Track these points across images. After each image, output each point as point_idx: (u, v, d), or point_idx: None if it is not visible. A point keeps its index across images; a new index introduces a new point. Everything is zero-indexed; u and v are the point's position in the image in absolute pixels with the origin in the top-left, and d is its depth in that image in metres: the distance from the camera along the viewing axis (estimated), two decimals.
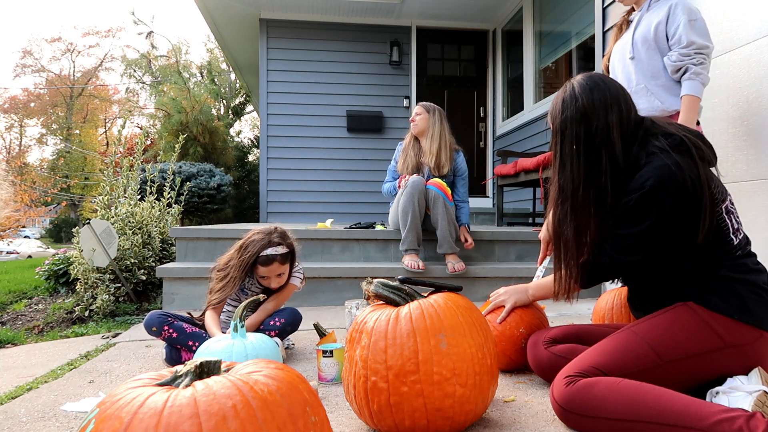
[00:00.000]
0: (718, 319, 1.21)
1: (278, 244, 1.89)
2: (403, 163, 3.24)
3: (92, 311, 3.01)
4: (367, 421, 1.22)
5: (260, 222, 5.93)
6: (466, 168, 3.28)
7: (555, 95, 1.39)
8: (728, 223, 1.26)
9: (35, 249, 19.20)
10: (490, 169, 6.30)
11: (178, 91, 10.85)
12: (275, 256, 1.87)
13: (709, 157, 1.27)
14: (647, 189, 1.21)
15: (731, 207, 1.29)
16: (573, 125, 1.30)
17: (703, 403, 1.08)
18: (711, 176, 1.26)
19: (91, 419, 0.72)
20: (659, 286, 1.32)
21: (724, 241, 1.25)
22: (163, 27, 66.50)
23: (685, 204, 1.20)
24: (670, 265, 1.28)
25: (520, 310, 1.68)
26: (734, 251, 1.25)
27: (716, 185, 1.26)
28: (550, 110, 1.39)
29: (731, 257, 1.25)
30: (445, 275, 3.03)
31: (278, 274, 1.92)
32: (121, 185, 3.63)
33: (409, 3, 5.66)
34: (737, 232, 1.28)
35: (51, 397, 1.56)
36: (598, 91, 1.30)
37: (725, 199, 1.28)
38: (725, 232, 1.25)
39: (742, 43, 2.30)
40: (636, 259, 1.28)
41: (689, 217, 1.22)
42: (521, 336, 1.63)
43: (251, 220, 9.46)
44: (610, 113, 1.29)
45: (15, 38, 64.22)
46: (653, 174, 1.20)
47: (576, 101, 1.31)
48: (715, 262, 1.24)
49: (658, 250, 1.26)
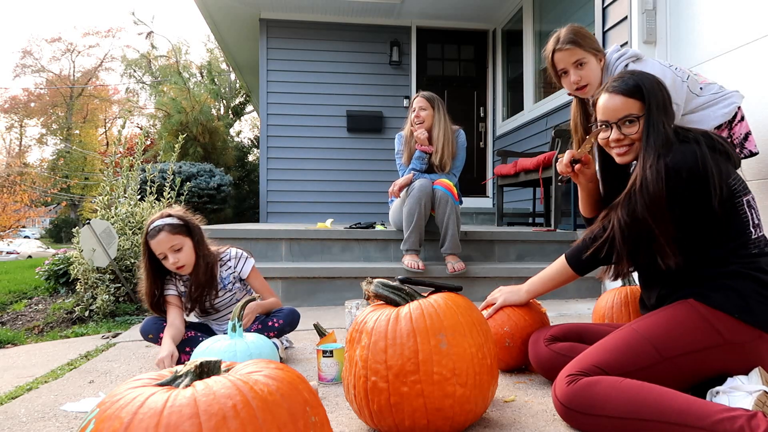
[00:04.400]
0: (718, 315, 1.22)
1: (168, 215, 1.84)
2: (408, 157, 3.24)
3: (92, 311, 3.01)
4: (367, 421, 1.22)
5: (260, 222, 5.94)
6: (464, 141, 3.28)
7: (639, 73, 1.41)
8: (749, 216, 1.29)
9: (35, 249, 19.21)
10: (490, 169, 6.30)
11: (178, 91, 10.86)
12: (162, 226, 1.80)
13: (732, 155, 1.33)
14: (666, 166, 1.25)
15: (754, 203, 1.32)
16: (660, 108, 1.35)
17: (705, 403, 1.08)
18: (731, 172, 1.30)
19: (91, 419, 0.72)
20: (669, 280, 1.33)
21: (743, 231, 1.27)
22: (163, 27, 66.57)
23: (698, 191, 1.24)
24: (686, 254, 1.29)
25: (509, 309, 1.67)
26: (751, 247, 1.27)
27: (736, 180, 1.30)
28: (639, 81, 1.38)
29: (746, 253, 1.26)
30: (445, 275, 3.02)
31: (175, 249, 1.81)
32: (121, 185, 3.63)
33: (409, 3, 5.66)
34: (757, 228, 1.30)
35: (51, 397, 1.56)
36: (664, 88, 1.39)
37: (747, 194, 1.31)
38: (745, 223, 1.28)
39: (742, 44, 2.30)
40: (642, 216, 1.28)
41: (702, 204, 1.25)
42: (505, 335, 1.63)
43: (251, 220, 9.46)
44: (670, 109, 1.37)
45: (15, 38, 64.24)
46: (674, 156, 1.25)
47: (663, 91, 1.37)
48: (730, 253, 1.26)
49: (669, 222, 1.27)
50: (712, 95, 1.91)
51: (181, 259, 1.83)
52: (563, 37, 1.91)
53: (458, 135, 3.26)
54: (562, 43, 1.91)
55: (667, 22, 2.78)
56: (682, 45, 2.69)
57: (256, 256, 3.33)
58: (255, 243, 3.33)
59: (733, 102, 1.90)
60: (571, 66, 1.93)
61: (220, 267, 1.97)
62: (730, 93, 1.92)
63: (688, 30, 2.65)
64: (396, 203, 3.26)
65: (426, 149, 3.15)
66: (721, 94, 1.92)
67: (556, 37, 1.94)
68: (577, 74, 1.92)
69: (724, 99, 1.91)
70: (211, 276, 1.92)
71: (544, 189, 4.12)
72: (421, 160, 3.17)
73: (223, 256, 1.99)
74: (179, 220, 1.84)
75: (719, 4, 2.45)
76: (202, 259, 1.88)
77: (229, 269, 1.98)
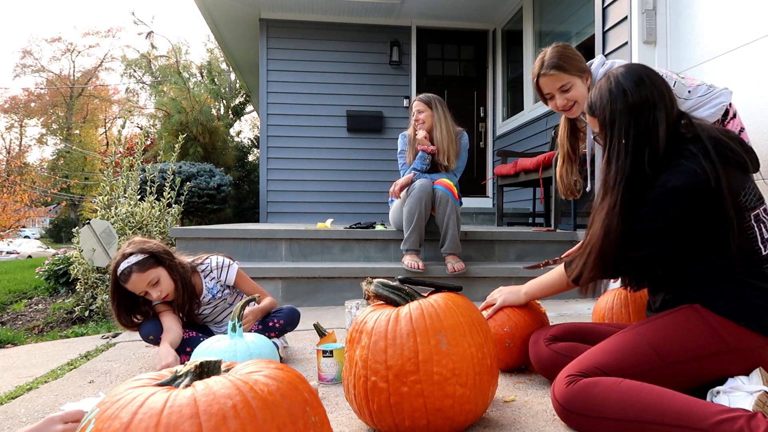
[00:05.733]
0: (723, 323, 1.19)
1: (130, 254, 1.74)
2: (412, 157, 3.24)
3: (92, 311, 3.01)
4: (367, 421, 1.22)
5: (260, 222, 5.94)
6: (467, 143, 3.29)
7: (596, 87, 1.36)
8: (756, 232, 1.23)
9: (35, 249, 19.21)
10: (490, 169, 6.30)
11: (178, 91, 10.86)
12: (130, 267, 1.71)
13: (746, 163, 1.25)
14: (668, 189, 1.20)
15: (763, 216, 1.25)
16: (623, 119, 1.28)
17: (704, 403, 1.08)
18: (742, 184, 1.23)
19: (91, 419, 0.72)
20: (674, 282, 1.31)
21: (751, 249, 1.22)
22: (163, 27, 66.56)
23: (703, 210, 1.19)
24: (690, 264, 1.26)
25: (509, 309, 1.67)
26: (760, 262, 1.22)
27: (746, 193, 1.23)
28: (593, 101, 1.35)
29: (754, 265, 1.22)
30: (445, 275, 3.02)
31: (152, 284, 1.75)
32: (121, 185, 3.63)
33: (409, 3, 5.66)
34: (766, 243, 1.24)
35: (51, 397, 1.56)
36: (643, 87, 1.28)
37: (756, 207, 1.24)
38: (752, 240, 1.23)
39: (742, 44, 2.30)
40: (642, 255, 1.26)
41: (707, 222, 1.20)
42: (506, 335, 1.63)
43: (251, 220, 9.46)
44: (658, 110, 1.27)
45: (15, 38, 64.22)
46: (678, 177, 1.19)
47: (625, 94, 1.28)
48: (737, 266, 1.22)
49: (669, 251, 1.25)
50: (698, 98, 1.87)
51: (163, 290, 1.79)
52: (547, 61, 1.89)
53: (461, 137, 3.26)
54: (546, 68, 1.89)
55: (667, 22, 2.78)
56: (682, 45, 2.69)
57: (256, 256, 3.36)
58: (255, 243, 3.33)
59: (720, 102, 1.86)
60: (556, 91, 1.92)
61: (203, 278, 1.93)
62: (718, 93, 1.88)
63: (688, 30, 2.65)
64: (396, 203, 3.26)
65: (426, 149, 3.15)
66: (707, 95, 1.88)
67: (541, 59, 1.92)
68: (562, 98, 1.92)
69: (711, 99, 1.87)
70: (191, 288, 1.88)
71: (544, 189, 4.12)
72: (422, 160, 3.18)
73: (203, 267, 1.94)
74: (143, 254, 1.75)
75: (719, 4, 2.45)
76: (179, 281, 1.83)
77: (213, 279, 1.95)
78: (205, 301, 1.94)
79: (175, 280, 1.82)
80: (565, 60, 1.89)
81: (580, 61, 1.93)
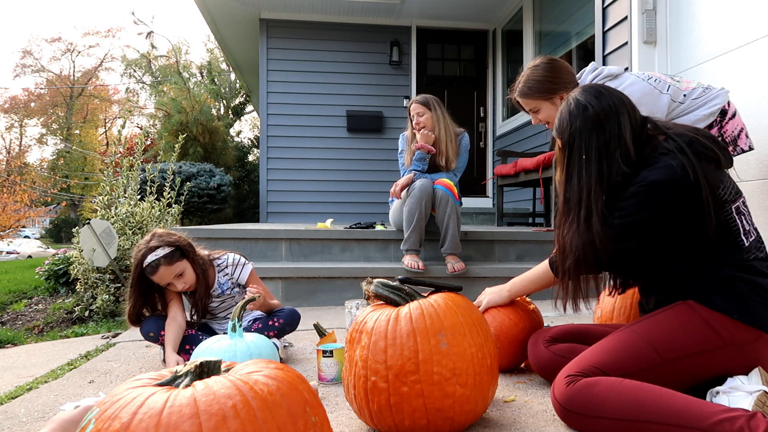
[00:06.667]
0: (718, 317, 1.21)
1: (157, 247, 1.79)
2: (411, 158, 3.24)
3: (92, 311, 3.01)
4: (367, 421, 1.22)
5: (260, 222, 5.94)
6: (468, 144, 3.29)
7: (559, 111, 1.41)
8: (739, 224, 1.26)
9: (35, 249, 19.22)
10: (490, 169, 6.30)
11: (178, 91, 10.86)
12: (158, 261, 1.78)
13: (720, 158, 1.28)
14: (647, 183, 1.23)
15: (743, 208, 1.29)
16: (584, 135, 1.32)
17: (704, 403, 1.08)
18: (719, 178, 1.26)
19: (91, 419, 0.72)
20: (664, 283, 1.32)
21: (734, 242, 1.25)
22: (163, 27, 66.57)
23: (683, 203, 1.22)
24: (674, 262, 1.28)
25: (493, 310, 1.66)
26: (745, 253, 1.25)
27: (725, 187, 1.26)
28: (555, 126, 1.40)
29: (740, 258, 1.24)
30: (445, 275, 3.02)
31: (177, 275, 1.83)
32: (121, 185, 3.63)
33: (409, 3, 5.66)
34: (748, 234, 1.27)
35: (51, 397, 1.56)
36: (603, 97, 1.33)
37: (736, 200, 1.27)
38: (735, 232, 1.25)
39: (742, 43, 2.30)
40: (626, 247, 1.28)
41: (688, 217, 1.23)
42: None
43: (251, 220, 9.46)
44: (621, 115, 1.31)
45: (15, 38, 64.22)
46: (656, 172, 1.23)
47: (585, 110, 1.33)
48: (723, 262, 1.24)
49: (653, 244, 1.27)
50: (692, 101, 1.88)
51: (187, 281, 1.87)
52: (518, 85, 2.03)
53: (462, 137, 3.26)
54: (515, 92, 2.04)
55: (667, 22, 2.78)
56: (682, 45, 2.69)
57: (256, 256, 3.36)
58: (255, 243, 3.33)
59: (716, 104, 1.87)
60: (529, 112, 2.08)
61: (217, 273, 1.99)
62: (714, 94, 1.88)
63: (688, 30, 2.65)
64: (396, 203, 3.26)
65: (425, 148, 3.15)
66: (703, 98, 1.88)
67: (517, 81, 2.04)
68: (535, 118, 2.07)
69: (707, 101, 1.88)
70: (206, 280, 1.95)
71: (544, 189, 4.12)
72: (422, 161, 3.17)
73: (219, 261, 2.00)
74: (170, 247, 1.81)
75: (719, 4, 2.45)
76: (201, 273, 1.91)
77: (226, 275, 2.00)
78: (214, 295, 1.99)
79: (197, 273, 1.89)
80: (531, 85, 1.99)
81: (554, 82, 1.98)
